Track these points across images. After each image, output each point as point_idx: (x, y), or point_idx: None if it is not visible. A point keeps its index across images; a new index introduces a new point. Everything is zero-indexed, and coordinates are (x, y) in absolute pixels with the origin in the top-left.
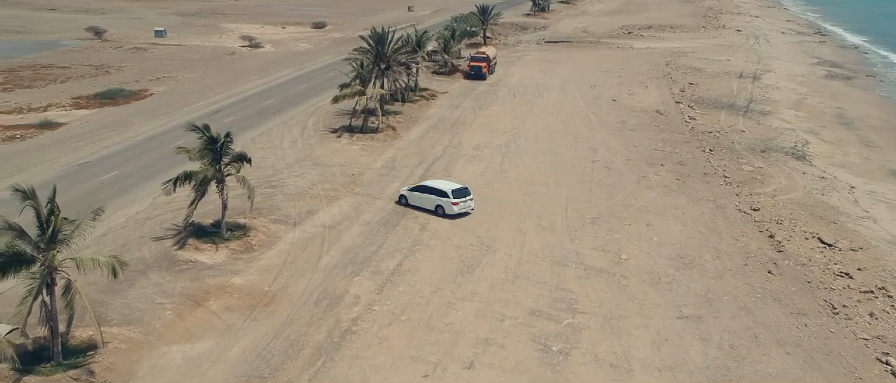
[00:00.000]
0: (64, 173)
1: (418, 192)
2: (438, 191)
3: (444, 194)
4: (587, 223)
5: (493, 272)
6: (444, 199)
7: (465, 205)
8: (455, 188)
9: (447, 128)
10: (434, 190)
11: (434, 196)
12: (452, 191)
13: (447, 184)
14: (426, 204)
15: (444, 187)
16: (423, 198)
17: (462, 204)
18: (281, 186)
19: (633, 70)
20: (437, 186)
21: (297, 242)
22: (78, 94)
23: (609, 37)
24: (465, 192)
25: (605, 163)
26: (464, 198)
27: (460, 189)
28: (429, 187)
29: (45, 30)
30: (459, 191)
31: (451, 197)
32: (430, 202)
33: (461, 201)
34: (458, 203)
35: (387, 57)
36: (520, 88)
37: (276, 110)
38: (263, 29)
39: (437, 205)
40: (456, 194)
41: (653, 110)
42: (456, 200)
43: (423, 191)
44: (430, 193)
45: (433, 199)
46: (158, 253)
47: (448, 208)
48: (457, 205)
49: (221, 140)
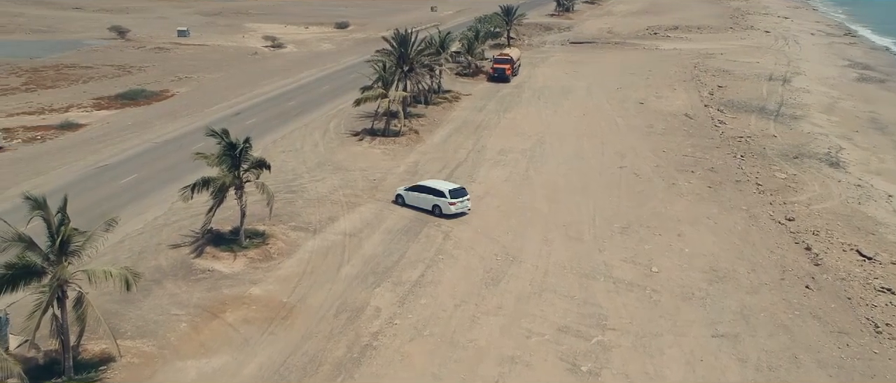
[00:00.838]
0: (83, 176)
1: (415, 192)
2: (436, 190)
3: (442, 194)
4: (616, 233)
5: (519, 284)
6: (442, 199)
7: (462, 206)
8: (452, 188)
9: (471, 132)
10: (431, 189)
11: (431, 196)
12: (450, 192)
13: (444, 184)
14: (423, 203)
15: (441, 187)
16: (419, 197)
17: (459, 204)
18: (301, 192)
19: (661, 72)
20: (434, 186)
21: (317, 250)
22: (99, 94)
23: (635, 38)
24: (462, 192)
25: (633, 169)
26: (461, 199)
27: (457, 189)
28: (426, 187)
29: (69, 29)
30: (456, 191)
31: (449, 197)
32: (427, 202)
33: (458, 201)
34: (455, 203)
35: (410, 59)
36: (544, 90)
37: (298, 112)
38: (286, 29)
39: (434, 204)
40: (453, 194)
41: (681, 114)
42: (453, 200)
43: (421, 190)
44: (428, 193)
45: (430, 199)
46: (175, 261)
47: (445, 208)
48: (454, 206)
49: (240, 145)
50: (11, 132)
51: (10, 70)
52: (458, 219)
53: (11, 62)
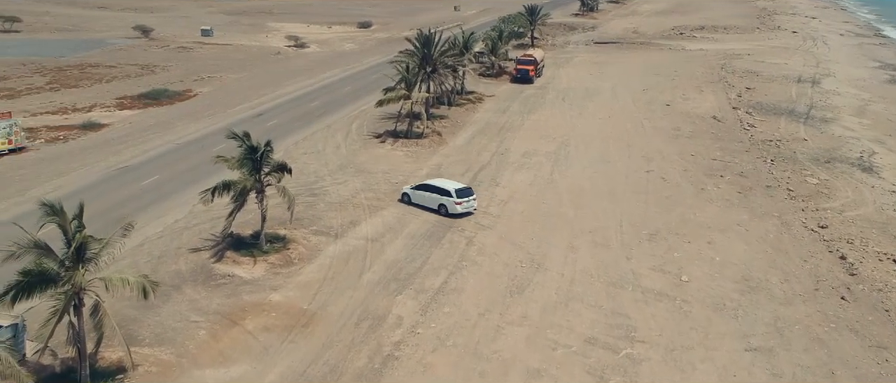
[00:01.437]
0: (104, 177)
1: (422, 191)
2: (442, 190)
3: (448, 193)
4: (643, 239)
5: (545, 293)
6: (448, 199)
7: (469, 205)
8: (458, 188)
9: (494, 134)
10: (438, 188)
11: (437, 195)
12: (456, 191)
13: (451, 183)
14: (429, 203)
15: (447, 186)
16: (426, 196)
17: (465, 203)
18: (323, 195)
19: (687, 73)
20: (440, 185)
21: (339, 256)
22: (122, 94)
23: (660, 38)
24: (469, 192)
25: (660, 174)
26: (467, 198)
27: (463, 189)
28: (432, 186)
29: (94, 28)
30: (463, 190)
31: (455, 196)
32: (433, 201)
33: (464, 201)
34: (461, 203)
35: (433, 59)
36: (569, 92)
37: (320, 113)
38: (309, 28)
39: (440, 203)
40: (459, 194)
41: (709, 116)
42: (459, 200)
43: (427, 189)
44: (434, 192)
45: (436, 198)
46: (195, 265)
47: (451, 207)
48: (460, 205)
49: (261, 149)
50: (35, 132)
51: (35, 69)
52: (482, 224)
53: (37, 61)
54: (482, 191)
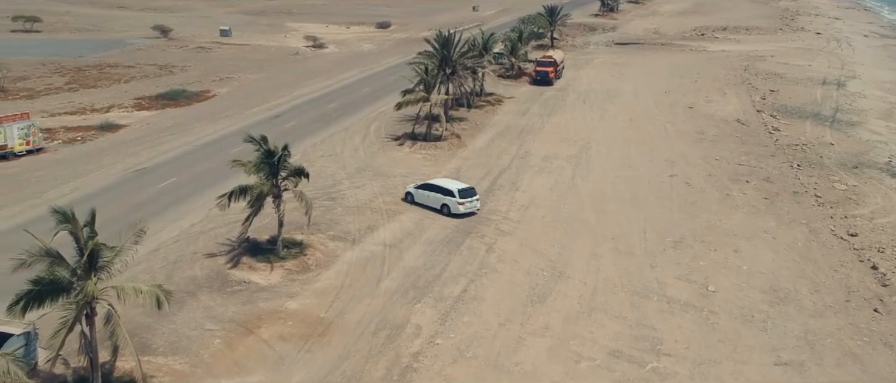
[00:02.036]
0: (120, 180)
1: (425, 191)
2: (445, 189)
3: (451, 193)
4: (668, 247)
5: (567, 302)
6: (451, 199)
7: (471, 205)
8: (461, 188)
9: (514, 137)
10: (441, 188)
11: (440, 195)
12: (459, 191)
13: (454, 183)
14: (432, 202)
15: (450, 186)
16: (429, 196)
17: (468, 204)
18: (340, 199)
19: (710, 75)
20: (443, 185)
21: (356, 262)
22: (140, 94)
23: (682, 39)
24: (472, 192)
25: (684, 179)
26: (470, 198)
27: (466, 189)
28: (435, 185)
29: (114, 28)
30: (466, 190)
31: (458, 196)
32: (436, 201)
33: (467, 201)
34: (463, 203)
35: (452, 61)
36: (590, 94)
37: (338, 115)
38: (328, 28)
39: (442, 203)
40: (462, 194)
41: (733, 119)
42: (462, 200)
43: (430, 189)
44: (437, 192)
45: (439, 198)
46: (210, 271)
47: (454, 207)
48: (462, 205)
49: (279, 153)
50: (52, 133)
51: (55, 69)
52: (502, 230)
53: (56, 61)
54: (502, 196)
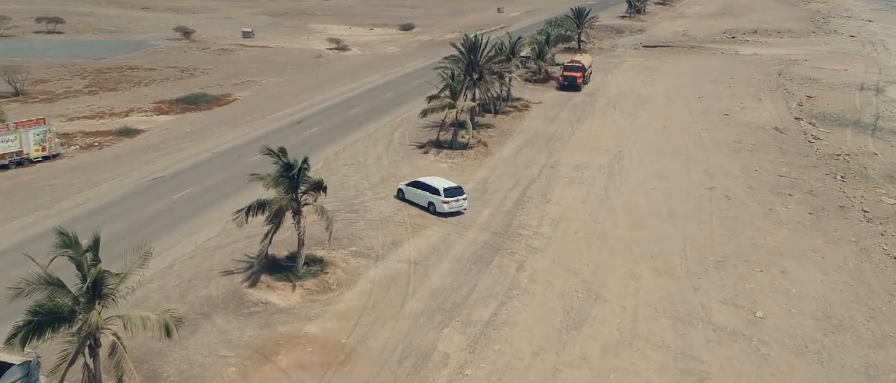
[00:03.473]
0: (135, 189)
1: (414, 188)
2: (432, 188)
3: (437, 192)
4: (711, 267)
5: (605, 329)
6: (436, 197)
7: (457, 205)
8: (447, 187)
9: (543, 145)
10: (428, 186)
11: (427, 193)
12: (444, 190)
13: (440, 181)
14: (420, 200)
15: (437, 184)
16: (418, 193)
17: (453, 203)
18: (363, 211)
19: (743, 80)
20: (430, 183)
21: (380, 281)
22: (160, 97)
23: (712, 42)
24: (458, 192)
25: (724, 191)
26: (455, 198)
27: (453, 188)
28: (423, 183)
29: (136, 29)
30: (451, 189)
31: (443, 195)
32: (424, 198)
33: (452, 200)
34: (448, 202)
35: (479, 66)
36: (619, 99)
37: (361, 121)
38: (351, 30)
39: (429, 201)
40: (447, 193)
41: (770, 127)
42: (447, 199)
43: (419, 187)
44: (424, 190)
45: (426, 196)
46: (227, 290)
47: (439, 206)
48: (447, 204)
49: (298, 166)
50: (70, 138)
51: (76, 71)
52: (533, 246)
53: (78, 63)
54: (532, 209)
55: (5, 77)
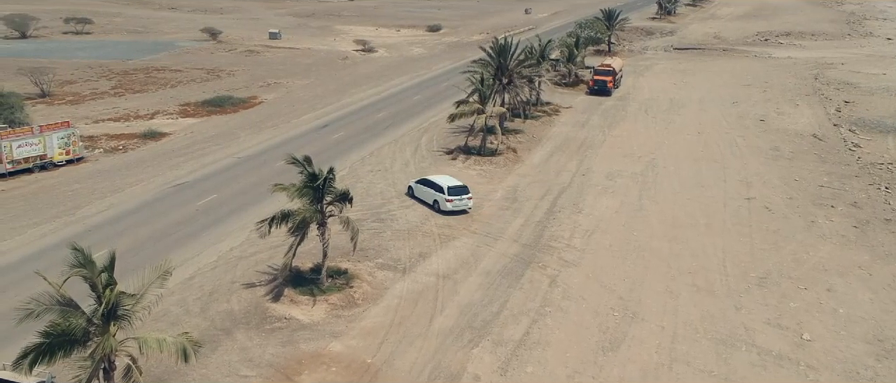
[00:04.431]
0: (159, 195)
1: (422, 186)
2: (437, 186)
3: (441, 190)
4: (752, 285)
5: (643, 351)
6: (440, 195)
7: (461, 204)
8: (451, 185)
9: (574, 151)
10: (434, 184)
11: (432, 190)
12: (448, 188)
13: (446, 179)
14: (427, 198)
15: (441, 183)
16: (425, 191)
17: (456, 201)
18: (390, 220)
19: (778, 84)
20: (436, 181)
21: (407, 296)
22: (186, 100)
23: (744, 44)
24: (463, 191)
25: (763, 202)
26: (459, 196)
27: (457, 186)
28: (430, 181)
29: (163, 30)
30: (455, 188)
31: (446, 193)
32: (430, 196)
33: (455, 199)
34: (451, 200)
35: (509, 70)
36: (651, 103)
37: (388, 125)
38: (378, 31)
39: (434, 199)
40: (451, 191)
41: (809, 134)
42: (450, 198)
43: (426, 184)
44: (431, 187)
45: (432, 194)
46: (249, 304)
47: (442, 204)
48: (451, 202)
49: (323, 176)
50: (95, 140)
51: (102, 73)
52: (566, 259)
53: (104, 64)
54: (563, 219)
55: (32, 78)
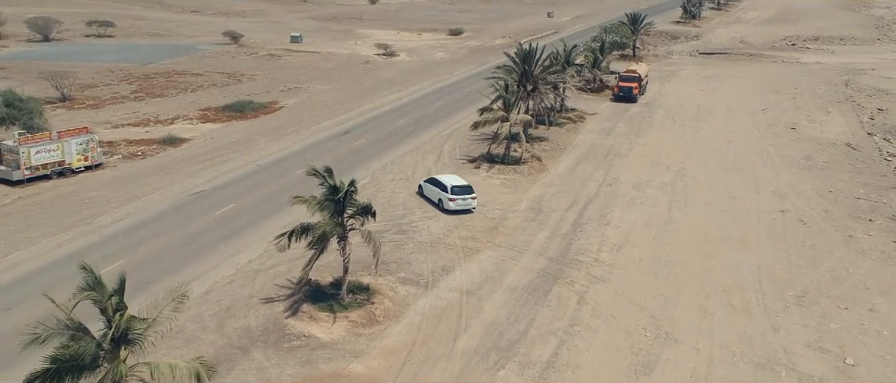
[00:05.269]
0: (176, 204)
1: (430, 185)
2: (442, 185)
3: (445, 189)
4: (790, 304)
5: (679, 376)
6: (444, 194)
7: (464, 203)
8: (455, 185)
9: (600, 160)
10: (439, 184)
11: (438, 189)
12: (452, 188)
13: (452, 179)
14: (433, 196)
15: (446, 182)
16: (432, 190)
17: (459, 201)
18: (412, 232)
19: (808, 90)
20: (442, 180)
21: (430, 313)
22: (206, 105)
23: (771, 49)
24: (466, 190)
25: (797, 215)
26: (463, 196)
27: (461, 186)
28: (437, 180)
29: (185, 33)
30: (459, 188)
31: (449, 192)
32: (436, 195)
33: (459, 198)
34: (455, 199)
35: (534, 77)
36: (679, 110)
37: (410, 132)
38: (399, 35)
39: (439, 198)
40: (455, 191)
41: (842, 143)
42: (453, 197)
43: (433, 183)
44: (437, 186)
45: (437, 193)
46: (267, 321)
47: (446, 203)
48: (454, 202)
49: (345, 189)
50: (114, 146)
51: (123, 76)
52: (594, 275)
53: (125, 68)
54: (591, 232)
55: (53, 82)
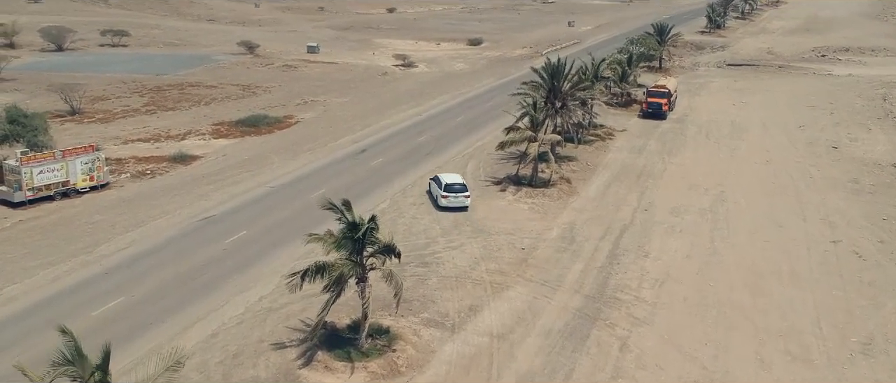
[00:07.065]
0: (183, 231)
1: (433, 182)
2: (438, 182)
3: (440, 186)
4: (856, 352)
5: None
6: (438, 191)
7: (456, 201)
8: (448, 183)
9: (632, 181)
10: (438, 181)
11: (436, 187)
12: (445, 185)
13: (450, 177)
14: (434, 192)
15: (442, 179)
16: (433, 187)
17: (451, 198)
18: (435, 264)
19: (845, 105)
20: (441, 178)
21: (457, 362)
22: (220, 119)
23: (801, 60)
24: (460, 188)
25: (851, 246)
26: (455, 194)
27: (454, 184)
28: (437, 178)
29: (200, 43)
30: (451, 186)
31: (442, 189)
32: (435, 191)
33: (451, 195)
34: (447, 196)
35: (562, 93)
36: (711, 126)
37: (430, 150)
38: (417, 45)
39: (436, 195)
40: (447, 188)
41: (888, 164)
42: (445, 194)
43: (436, 181)
44: (436, 184)
45: (436, 189)
46: (277, 370)
47: (439, 200)
48: (445, 199)
49: (364, 227)
50: (122, 164)
51: (135, 88)
52: (636, 316)
53: (137, 79)
54: (629, 265)
55: (62, 95)
